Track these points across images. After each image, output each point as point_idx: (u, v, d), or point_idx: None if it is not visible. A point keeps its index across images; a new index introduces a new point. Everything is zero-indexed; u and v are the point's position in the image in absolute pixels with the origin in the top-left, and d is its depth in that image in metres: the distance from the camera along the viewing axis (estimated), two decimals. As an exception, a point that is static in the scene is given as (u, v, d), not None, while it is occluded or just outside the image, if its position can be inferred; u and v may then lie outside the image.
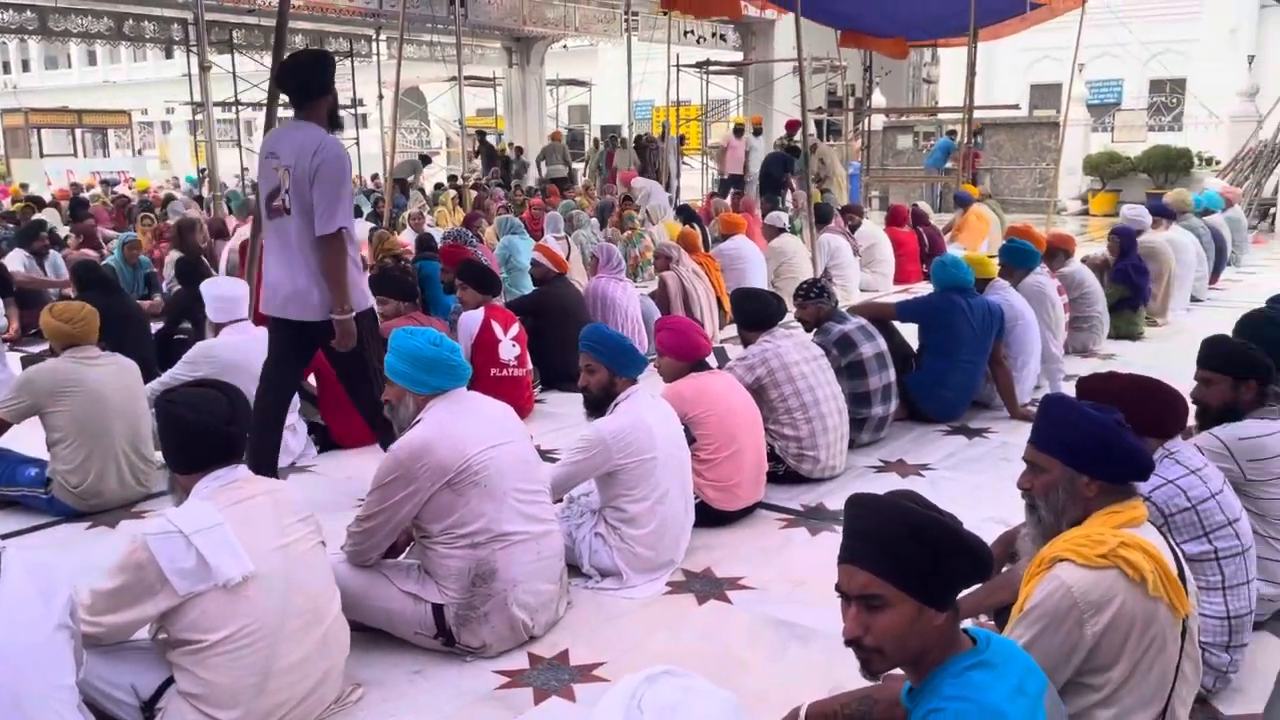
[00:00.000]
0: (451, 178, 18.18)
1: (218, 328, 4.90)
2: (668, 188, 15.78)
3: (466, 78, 13.50)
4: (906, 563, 1.68)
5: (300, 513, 2.69)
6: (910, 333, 5.85)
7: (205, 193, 15.06)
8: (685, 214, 11.73)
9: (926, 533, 1.68)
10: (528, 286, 7.32)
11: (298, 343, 4.17)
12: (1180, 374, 3.52)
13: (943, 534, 1.69)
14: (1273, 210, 15.67)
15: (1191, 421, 3.35)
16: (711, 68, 19.47)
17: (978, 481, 4.69)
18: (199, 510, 2.50)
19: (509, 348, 5.49)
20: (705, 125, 22.22)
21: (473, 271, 5.76)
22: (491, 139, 22.29)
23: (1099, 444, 2.20)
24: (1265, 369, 3.28)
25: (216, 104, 12.96)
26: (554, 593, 3.24)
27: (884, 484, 4.67)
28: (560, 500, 3.83)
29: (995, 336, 5.68)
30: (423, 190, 16.34)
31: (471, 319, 5.52)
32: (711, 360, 4.41)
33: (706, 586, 3.61)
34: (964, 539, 1.72)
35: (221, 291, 4.94)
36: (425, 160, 19.69)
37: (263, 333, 4.97)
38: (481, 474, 3.01)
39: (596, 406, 3.74)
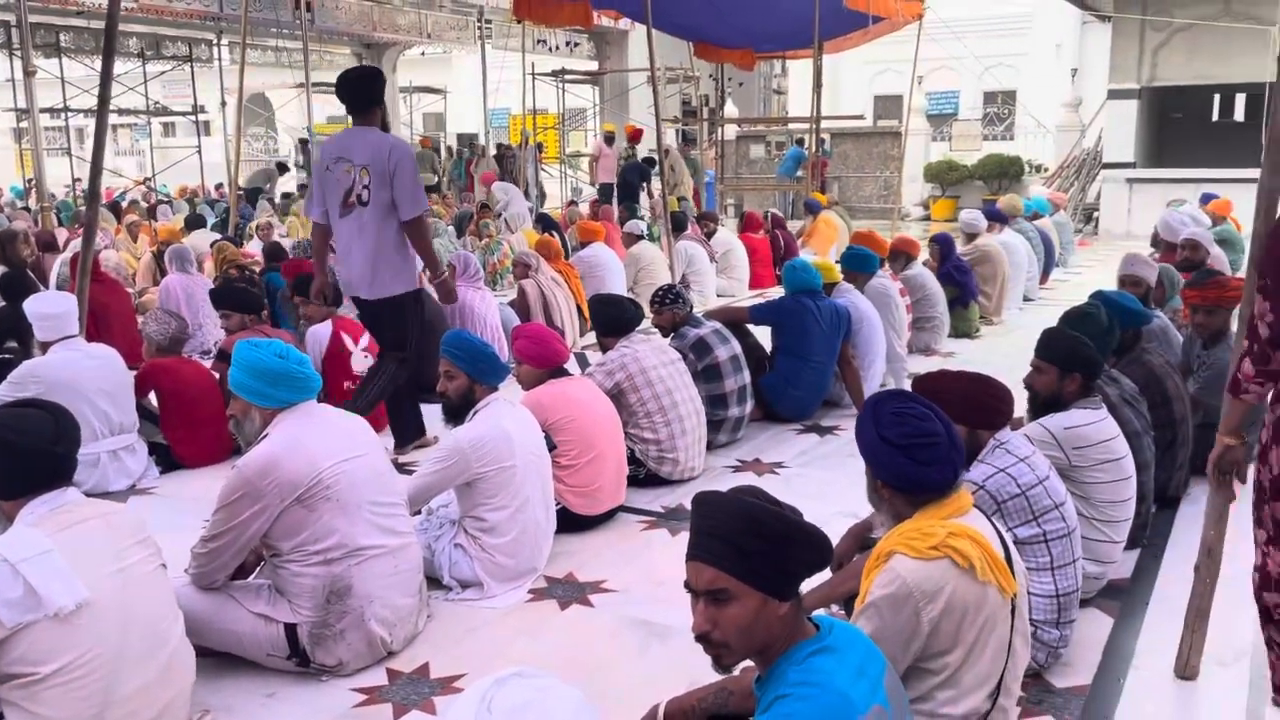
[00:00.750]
0: (302, 186, 17.62)
1: (45, 345, 4.62)
2: (528, 196, 15.74)
3: (315, 84, 13.13)
4: (749, 556, 1.73)
5: (138, 535, 2.56)
6: (764, 335, 6.01)
7: (33, 204, 14.17)
8: (544, 222, 11.74)
9: (767, 526, 1.74)
10: (382, 297, 7.17)
11: (385, 317, 4.83)
12: (1014, 369, 3.73)
13: (783, 527, 1.75)
14: (1096, 214, 16.75)
15: (1025, 407, 3.57)
16: (567, 76, 19.55)
17: (829, 477, 4.85)
18: (25, 537, 2.36)
19: (361, 359, 5.37)
20: (563, 134, 22.28)
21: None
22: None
23: (880, 454, 2.31)
24: (1091, 365, 3.51)
25: (43, 110, 12.21)
26: (413, 606, 3.19)
27: (741, 483, 4.76)
28: (419, 512, 3.78)
29: (843, 337, 5.89)
30: (272, 201, 15.82)
31: (320, 332, 5.37)
32: (573, 366, 4.43)
33: (569, 592, 3.62)
34: (803, 530, 1.78)
35: (46, 308, 4.63)
36: (282, 169, 19.14)
37: (95, 349, 4.73)
38: (334, 488, 2.94)
39: (455, 414, 3.71)
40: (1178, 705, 2.87)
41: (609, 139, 16.14)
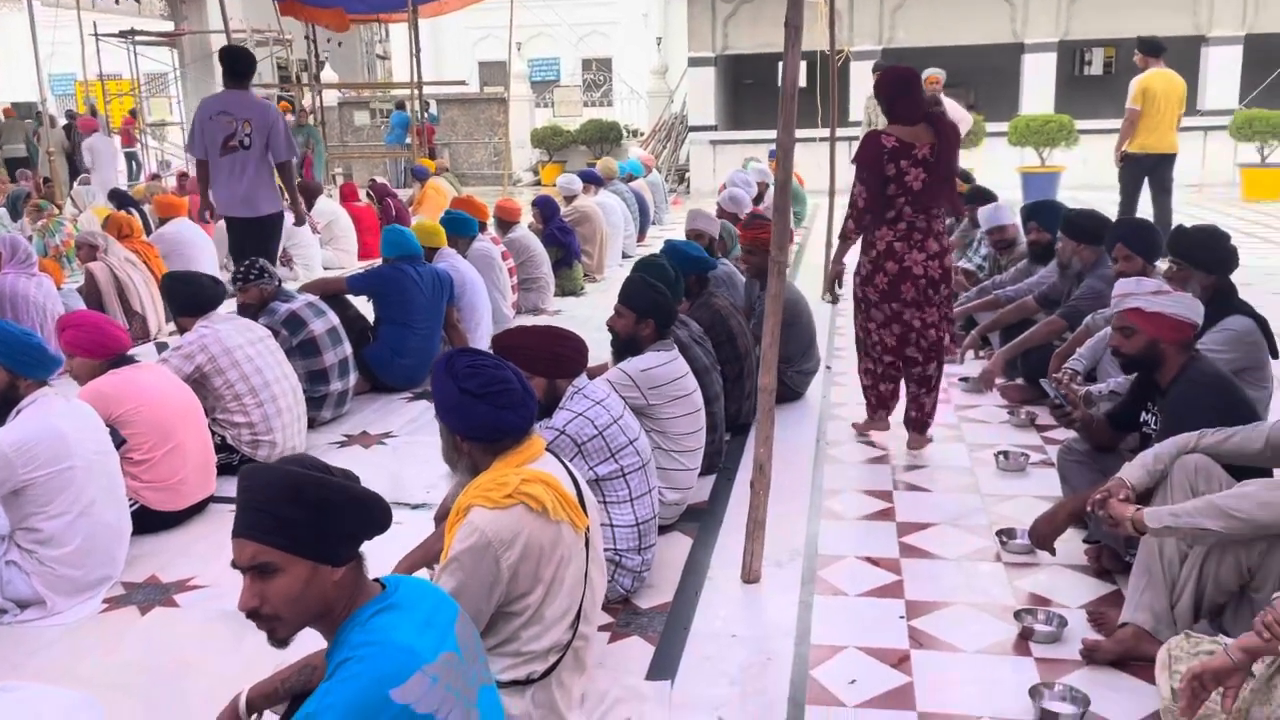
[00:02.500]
0: None
1: None
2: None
3: None
4: (290, 525, 1.69)
5: None
6: (366, 306, 5.89)
7: None
8: (119, 198, 10.61)
9: (306, 493, 1.70)
10: (-89, 292, 6.15)
11: (251, 232, 6.27)
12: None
13: (325, 492, 1.72)
14: (687, 174, 18.05)
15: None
16: (139, 38, 17.69)
17: (440, 441, 4.85)
18: None
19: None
20: (142, 101, 20.21)
21: None
22: None
23: (451, 409, 2.39)
24: (664, 312, 3.80)
25: None
26: (-50, 638, 2.79)
27: (347, 458, 4.66)
28: (-43, 532, 3.31)
29: (447, 302, 5.91)
30: None
31: None
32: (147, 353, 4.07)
33: (150, 595, 3.35)
34: (349, 494, 1.75)
35: None
36: None
37: None
38: None
39: (-6, 416, 3.27)
40: (743, 605, 3.21)
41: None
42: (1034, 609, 3.03)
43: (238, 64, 6.28)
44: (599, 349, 4.84)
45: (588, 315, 7.53)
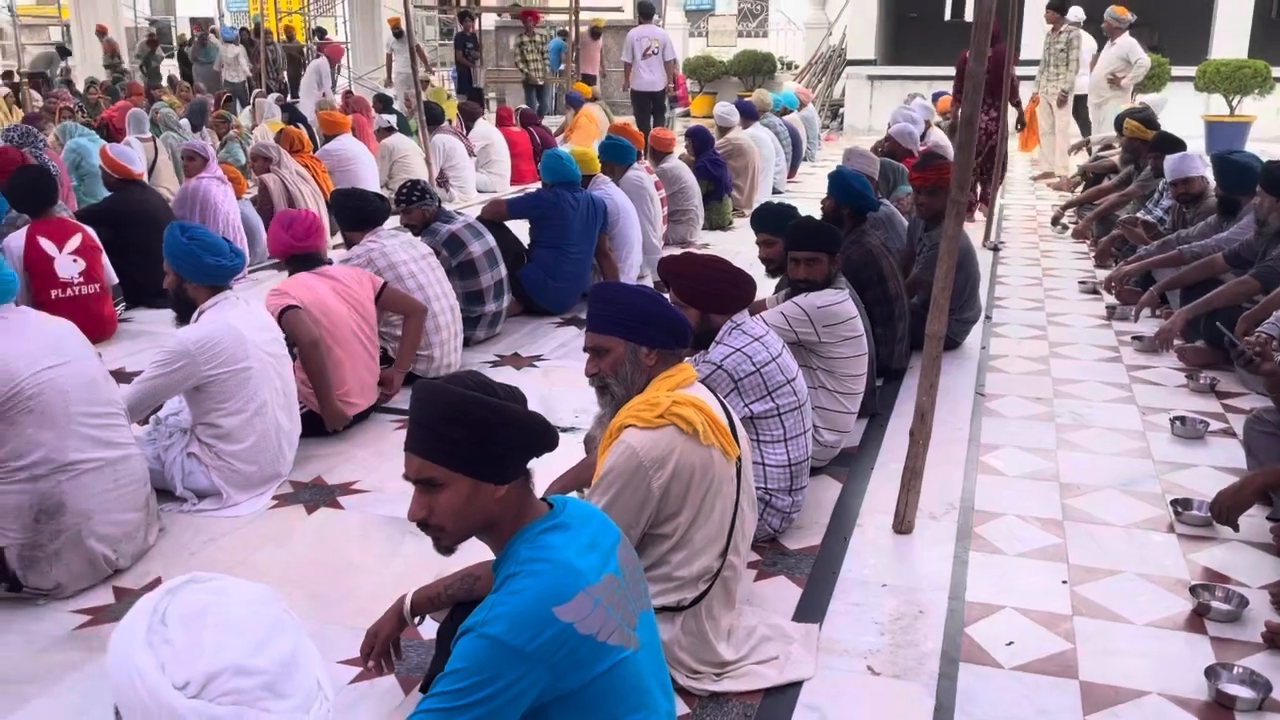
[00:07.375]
0: (6, 74, 15.65)
1: None
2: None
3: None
4: (452, 444, 1.73)
5: None
6: (521, 229, 5.95)
7: None
8: (291, 113, 11.00)
9: (468, 413, 1.73)
10: (104, 192, 6.53)
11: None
12: (765, 260, 3.86)
13: (485, 413, 1.74)
14: (841, 110, 17.50)
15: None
16: (310, -43, 18.16)
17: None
18: None
19: (68, 264, 4.86)
20: (310, 19, 20.80)
21: (23, 181, 4.97)
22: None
23: (651, 316, 2.42)
24: (834, 245, 3.72)
25: None
26: (139, 521, 2.98)
27: (499, 378, 4.74)
28: (146, 421, 3.53)
29: (600, 229, 5.92)
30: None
31: (16, 238, 4.81)
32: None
33: (317, 495, 3.50)
34: (509, 414, 1.77)
35: None
36: (65, 52, 18.03)
37: None
38: (37, 398, 2.68)
39: (183, 314, 3.47)
40: (895, 556, 3.13)
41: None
42: (1211, 585, 2.86)
43: (646, 7, 11.63)
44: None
45: (735, 250, 7.41)
